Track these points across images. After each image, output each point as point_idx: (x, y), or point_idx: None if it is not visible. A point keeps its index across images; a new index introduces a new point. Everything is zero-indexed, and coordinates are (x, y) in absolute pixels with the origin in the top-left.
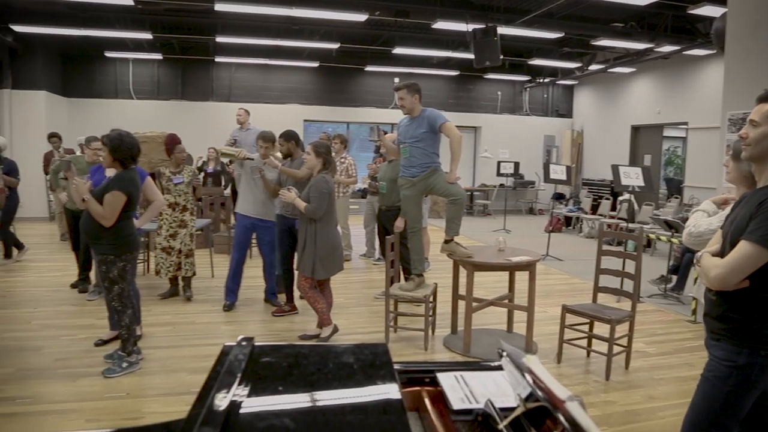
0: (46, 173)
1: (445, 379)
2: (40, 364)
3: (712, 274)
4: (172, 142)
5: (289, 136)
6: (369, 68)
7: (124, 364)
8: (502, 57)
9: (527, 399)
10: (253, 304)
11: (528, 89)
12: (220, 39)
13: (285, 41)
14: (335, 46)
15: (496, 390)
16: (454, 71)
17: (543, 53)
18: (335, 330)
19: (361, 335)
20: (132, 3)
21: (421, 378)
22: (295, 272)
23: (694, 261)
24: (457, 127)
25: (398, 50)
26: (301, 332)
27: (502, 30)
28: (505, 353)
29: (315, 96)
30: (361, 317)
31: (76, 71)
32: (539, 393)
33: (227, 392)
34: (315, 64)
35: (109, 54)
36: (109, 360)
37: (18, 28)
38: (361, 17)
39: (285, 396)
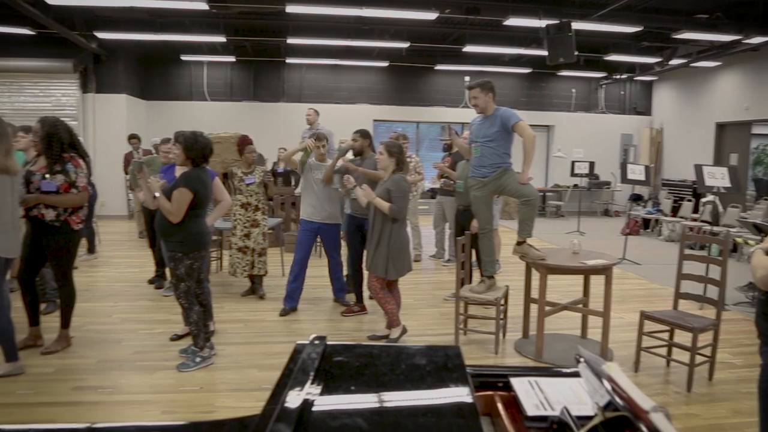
0: (126, 173)
1: (519, 385)
2: (120, 356)
3: (759, 275)
4: (243, 143)
5: (366, 134)
6: (439, 67)
7: (198, 359)
8: (576, 53)
9: (606, 408)
10: (322, 303)
11: (604, 86)
12: (291, 40)
13: (355, 41)
14: (405, 45)
15: (573, 397)
16: (526, 69)
17: (620, 48)
18: (404, 331)
19: (430, 337)
20: (207, 7)
21: (493, 382)
22: (364, 272)
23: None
24: (530, 126)
25: (469, 48)
26: (370, 333)
27: (576, 25)
28: (583, 359)
29: (385, 96)
30: (430, 319)
31: (154, 75)
32: (619, 402)
33: (300, 390)
34: (385, 64)
35: (184, 57)
36: (183, 354)
37: (102, 35)
38: (431, 15)
39: (357, 396)
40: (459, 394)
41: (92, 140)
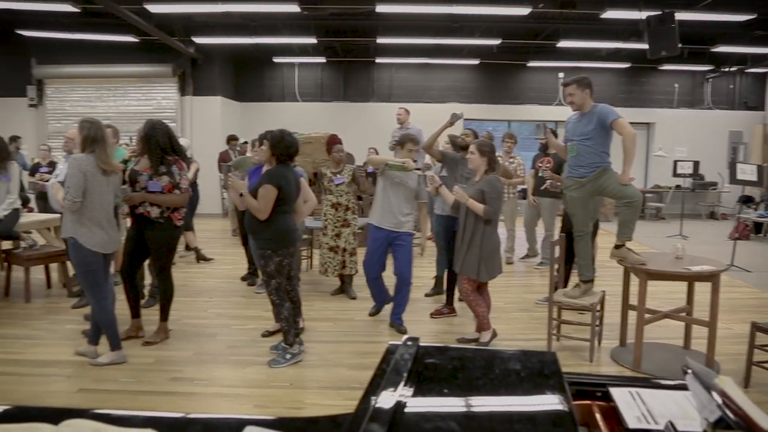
0: (221, 172)
1: (620, 395)
2: (215, 349)
3: None
4: (331, 142)
5: (475, 133)
6: (531, 64)
7: (288, 356)
8: (680, 45)
9: (717, 425)
10: (411, 304)
11: (710, 80)
12: (380, 40)
13: (445, 39)
14: (496, 42)
15: (678, 411)
16: (625, 63)
17: (729, 39)
18: (494, 335)
19: (521, 342)
20: (298, 9)
21: (591, 391)
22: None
23: None
24: (630, 123)
25: (563, 44)
26: (460, 335)
27: (680, 16)
28: (691, 371)
29: (475, 94)
30: (522, 323)
31: (247, 77)
32: (733, 418)
33: (394, 391)
34: (475, 62)
35: (276, 59)
36: (274, 351)
37: (198, 40)
38: (524, 11)
39: (450, 399)
40: (556, 402)
41: (190, 140)
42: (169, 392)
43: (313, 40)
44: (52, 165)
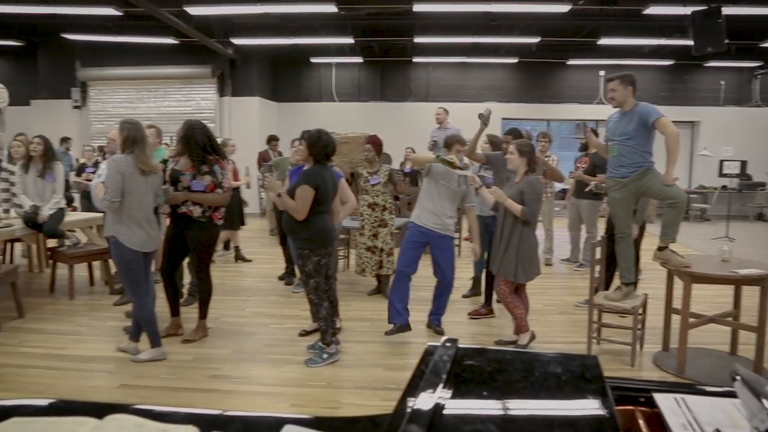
0: (260, 172)
1: (664, 401)
2: (252, 348)
3: None
4: (368, 142)
5: (518, 135)
6: (571, 62)
7: (325, 356)
8: (727, 41)
9: None
10: (450, 304)
11: (759, 76)
12: (418, 39)
13: (483, 38)
14: (535, 40)
15: (726, 419)
16: (668, 60)
17: None
18: (533, 337)
19: (560, 345)
20: (336, 10)
21: (634, 396)
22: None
23: None
24: (673, 122)
25: (604, 41)
26: (497, 337)
27: (727, 10)
28: (740, 378)
29: (514, 93)
30: (561, 326)
31: (285, 77)
32: None
33: (433, 392)
34: (514, 60)
35: (314, 60)
36: (311, 350)
37: (237, 41)
38: (564, 8)
39: (489, 401)
40: (598, 407)
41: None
42: (208, 389)
43: (350, 40)
44: (97, 165)
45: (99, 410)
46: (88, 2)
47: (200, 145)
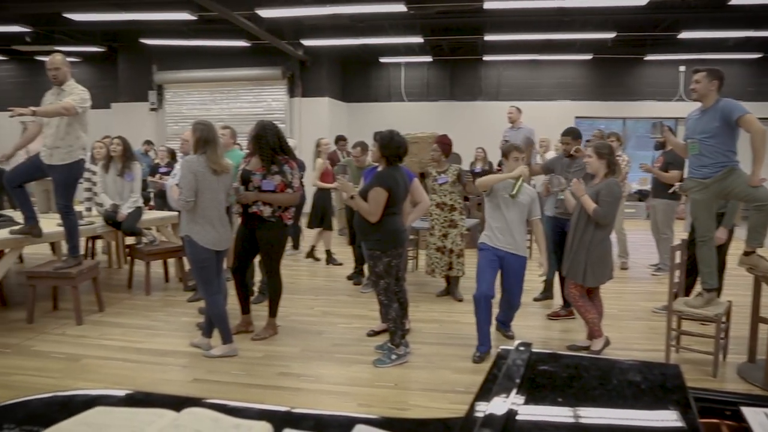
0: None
1: (753, 416)
2: (321, 347)
3: None
4: (441, 141)
5: (577, 135)
6: (649, 57)
7: (393, 356)
8: None
9: None
10: (522, 307)
11: None
12: (488, 37)
13: (555, 34)
14: (611, 35)
15: None
16: (755, 53)
17: None
18: (607, 343)
19: (636, 352)
20: (405, 9)
21: (719, 409)
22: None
23: None
24: (759, 119)
25: (685, 34)
26: (569, 342)
27: None
28: None
29: (587, 91)
30: (636, 332)
31: (354, 77)
32: None
33: (506, 397)
34: (588, 57)
35: (383, 60)
36: (379, 350)
37: (307, 42)
38: (642, 1)
39: (564, 409)
40: (680, 419)
41: (298, 141)
42: (277, 386)
43: (419, 39)
44: (170, 165)
45: (176, 403)
46: (165, 8)
47: (271, 145)
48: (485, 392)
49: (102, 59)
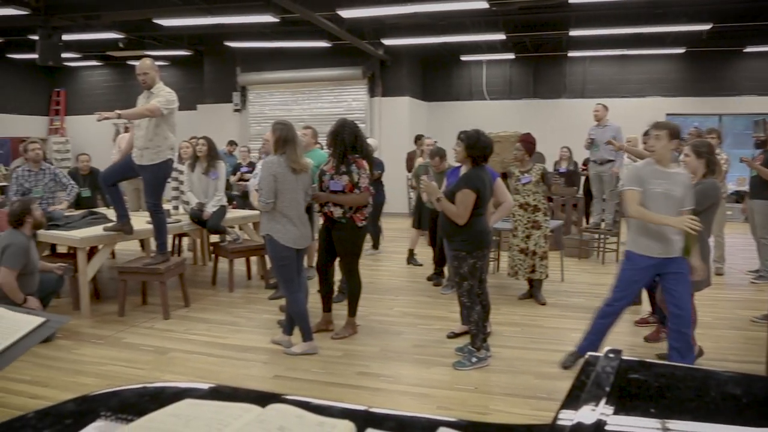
0: (409, 171)
1: None
2: (400, 347)
3: None
4: (524, 140)
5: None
6: (749, 49)
7: (474, 359)
8: None
9: None
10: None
11: None
12: (573, 32)
13: (645, 28)
14: (706, 27)
15: None
16: None
17: None
18: (700, 353)
19: (732, 363)
20: (487, 6)
21: None
22: None
23: None
24: None
25: None
26: (659, 351)
27: None
28: None
29: (680, 86)
30: (732, 342)
31: (435, 76)
32: None
33: (594, 406)
34: (680, 50)
35: (464, 58)
36: (459, 353)
37: (388, 42)
38: None
39: (657, 420)
40: None
41: (378, 141)
42: (356, 386)
43: (501, 36)
44: (251, 165)
45: (261, 398)
46: (248, 11)
47: (346, 143)
48: (572, 400)
49: (188, 62)
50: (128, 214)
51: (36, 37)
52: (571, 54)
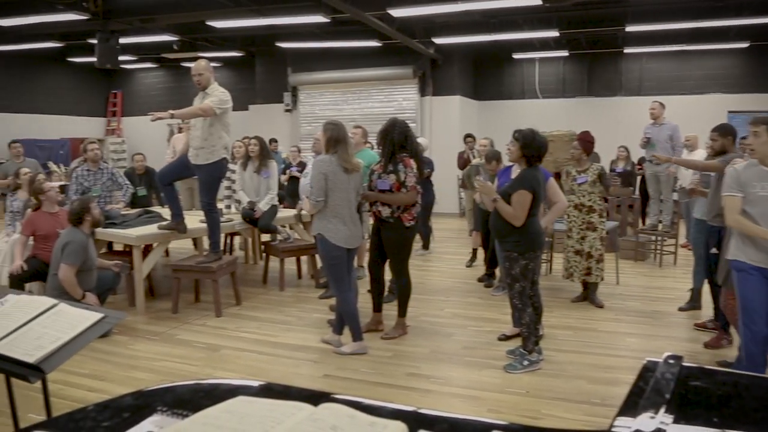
0: (461, 168)
1: None
2: (450, 349)
3: None
4: (582, 138)
5: (727, 131)
6: None
7: (525, 362)
8: None
9: None
10: (664, 317)
11: None
12: (630, 28)
13: (706, 22)
14: None
15: None
16: None
17: None
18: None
19: None
20: (540, 2)
21: None
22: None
23: None
24: None
25: None
26: (720, 358)
27: None
28: None
29: (742, 82)
30: None
31: (486, 75)
32: None
33: (654, 413)
34: (744, 45)
35: (516, 56)
36: (511, 355)
37: (439, 41)
38: None
39: (720, 431)
40: None
41: (429, 140)
42: (406, 387)
43: (555, 33)
44: (301, 165)
45: (312, 397)
46: (300, 12)
47: (394, 141)
48: (630, 406)
49: (240, 63)
50: (183, 213)
51: (95, 41)
52: (627, 50)
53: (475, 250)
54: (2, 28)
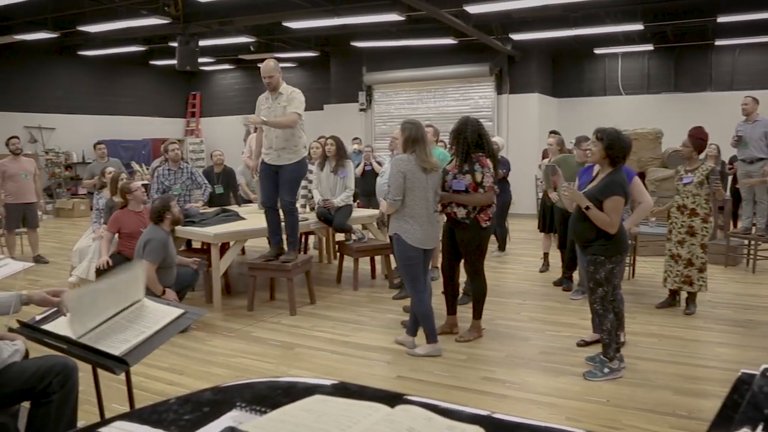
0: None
1: None
2: (527, 353)
3: None
4: (692, 135)
5: None
6: None
7: (606, 370)
8: None
9: None
10: (758, 327)
11: None
12: (721, 19)
13: None
14: None
15: None
16: None
17: None
18: None
19: None
20: None
21: None
22: None
23: None
24: None
25: None
26: None
27: None
28: None
29: None
30: None
31: (565, 71)
32: None
33: (751, 430)
34: None
35: (597, 51)
36: (590, 362)
37: (516, 37)
38: None
39: None
40: None
41: (506, 139)
42: (481, 391)
43: (639, 27)
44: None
45: (388, 398)
46: (375, 11)
47: (468, 141)
48: (723, 421)
49: (315, 63)
50: (283, 239)
51: (175, 44)
52: (718, 42)
53: (546, 254)
54: (90, 34)
